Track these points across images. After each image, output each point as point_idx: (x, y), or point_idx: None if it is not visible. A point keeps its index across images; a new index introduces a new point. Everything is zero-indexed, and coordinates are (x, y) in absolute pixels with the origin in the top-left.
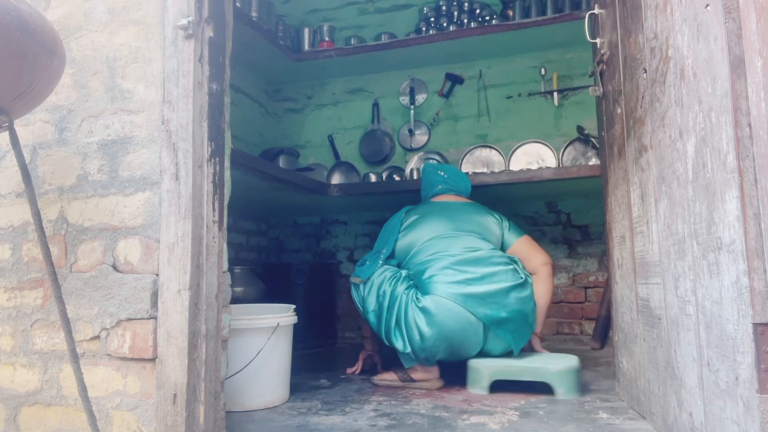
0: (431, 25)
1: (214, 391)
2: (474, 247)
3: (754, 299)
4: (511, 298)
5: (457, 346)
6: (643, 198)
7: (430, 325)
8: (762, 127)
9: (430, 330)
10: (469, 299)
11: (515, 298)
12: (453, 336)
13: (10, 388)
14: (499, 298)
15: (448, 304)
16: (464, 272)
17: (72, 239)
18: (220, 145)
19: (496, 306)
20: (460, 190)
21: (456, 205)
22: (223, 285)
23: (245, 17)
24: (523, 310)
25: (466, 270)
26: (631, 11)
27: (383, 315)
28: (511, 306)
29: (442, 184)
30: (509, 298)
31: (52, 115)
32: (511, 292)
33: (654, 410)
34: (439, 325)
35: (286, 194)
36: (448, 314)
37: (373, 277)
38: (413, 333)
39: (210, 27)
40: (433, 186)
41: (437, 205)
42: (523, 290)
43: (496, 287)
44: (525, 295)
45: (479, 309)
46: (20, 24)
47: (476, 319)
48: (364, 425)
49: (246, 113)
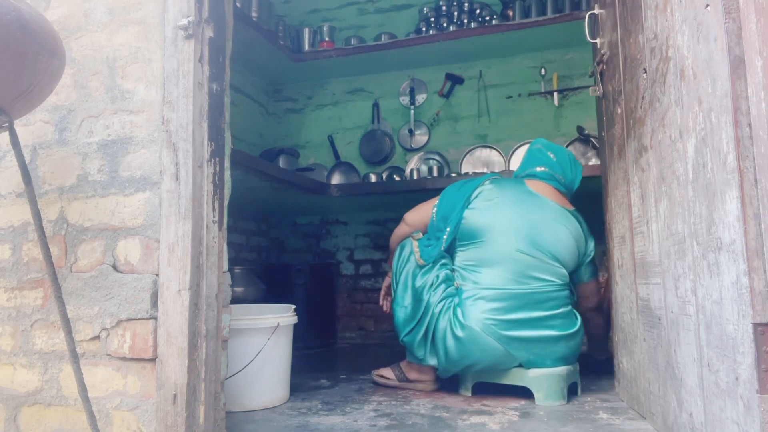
0: (431, 25)
1: (214, 391)
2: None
3: (754, 299)
4: (560, 346)
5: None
6: (643, 198)
7: (460, 354)
8: (762, 127)
9: (458, 357)
10: (513, 342)
11: (565, 347)
12: (483, 366)
13: (10, 388)
14: (547, 345)
15: (485, 341)
16: (514, 310)
17: (72, 239)
18: (220, 145)
19: (542, 354)
20: (566, 184)
21: (551, 207)
22: (223, 285)
23: (245, 17)
24: (569, 359)
25: (521, 309)
26: (631, 11)
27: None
28: (558, 354)
29: (547, 167)
30: (558, 346)
31: (52, 115)
32: (560, 340)
33: (654, 410)
34: (472, 358)
35: (286, 194)
36: (485, 353)
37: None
38: (440, 352)
39: (210, 27)
40: (533, 164)
41: (528, 196)
42: (574, 339)
43: (546, 334)
44: (575, 343)
45: (522, 353)
46: (20, 24)
47: (514, 358)
48: (364, 425)
49: (246, 113)
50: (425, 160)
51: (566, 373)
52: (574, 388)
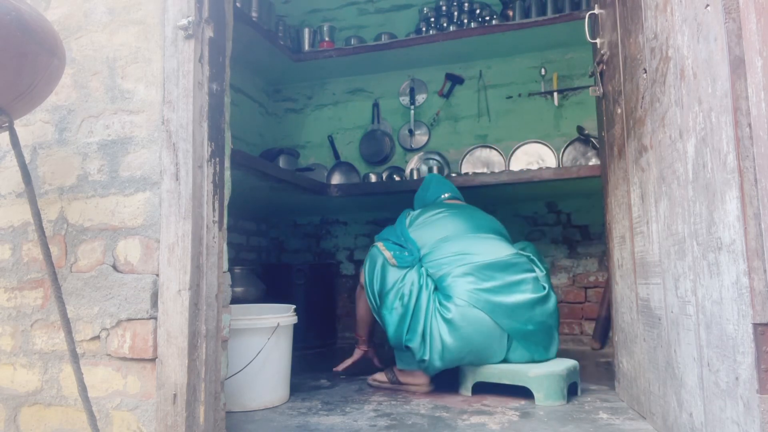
0: (431, 25)
1: (214, 391)
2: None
3: (754, 299)
4: (537, 311)
5: (479, 357)
6: (643, 198)
7: (455, 338)
8: (762, 127)
9: (454, 342)
10: (496, 309)
11: (540, 312)
12: (477, 347)
13: (10, 388)
14: (526, 310)
15: (474, 314)
16: (489, 278)
17: (72, 239)
18: (220, 145)
19: (522, 319)
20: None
21: (469, 207)
22: (223, 285)
23: (245, 17)
24: (548, 322)
25: (491, 276)
26: (631, 11)
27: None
28: (537, 318)
29: (451, 191)
30: (534, 311)
31: (52, 115)
32: (536, 305)
33: (654, 410)
34: (464, 338)
35: (286, 194)
36: (475, 327)
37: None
38: (435, 344)
39: (210, 27)
40: (442, 190)
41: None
42: (546, 303)
43: (522, 298)
44: (549, 309)
45: (505, 320)
46: (20, 24)
47: (502, 331)
48: (364, 425)
49: (246, 113)
50: (425, 160)
51: (566, 373)
52: (574, 388)
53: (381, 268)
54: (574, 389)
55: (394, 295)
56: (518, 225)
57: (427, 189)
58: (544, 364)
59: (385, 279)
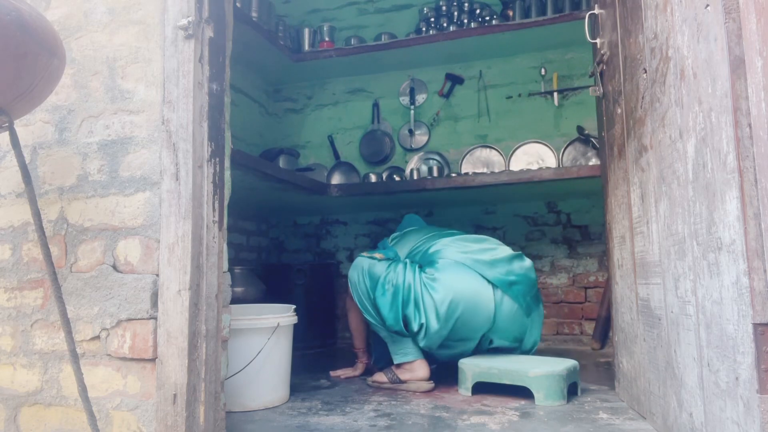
0: (431, 26)
1: (214, 392)
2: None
3: (754, 299)
4: (515, 266)
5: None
6: (643, 198)
7: (443, 288)
8: (762, 127)
9: (443, 293)
10: (477, 263)
11: (518, 266)
12: (466, 298)
13: (10, 388)
14: (504, 264)
15: (457, 266)
16: (468, 246)
17: (72, 239)
18: (220, 145)
19: (504, 271)
20: None
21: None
22: (223, 285)
23: (245, 17)
24: (529, 275)
25: (470, 245)
26: (631, 11)
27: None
28: (517, 272)
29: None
30: (513, 264)
31: (52, 115)
32: (513, 260)
33: (654, 410)
34: (452, 287)
35: (286, 194)
36: (460, 278)
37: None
38: (428, 304)
39: (210, 27)
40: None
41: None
42: (523, 260)
43: (500, 255)
44: (527, 265)
45: (488, 272)
46: (20, 24)
47: (486, 281)
48: (364, 425)
49: (246, 113)
50: (425, 160)
51: (566, 373)
52: (574, 388)
53: (368, 268)
54: (574, 389)
55: (384, 281)
56: (518, 225)
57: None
58: (544, 364)
59: (373, 274)
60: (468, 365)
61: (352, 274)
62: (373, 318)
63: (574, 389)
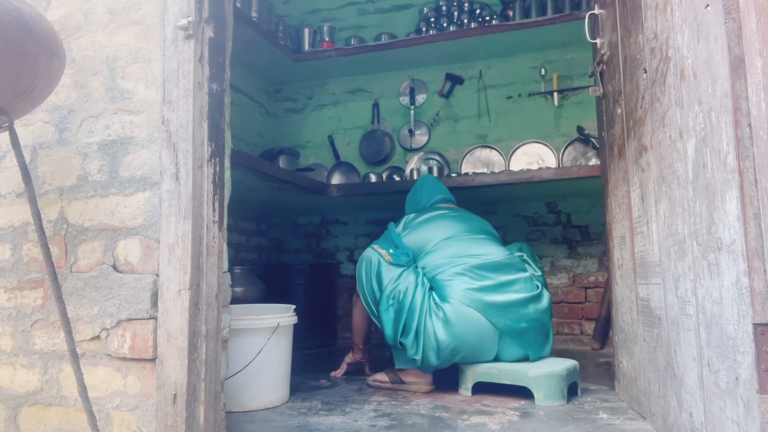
0: (431, 25)
1: (214, 392)
2: (489, 252)
3: (754, 299)
4: (530, 309)
5: (472, 354)
6: (643, 198)
7: (448, 334)
8: (762, 127)
9: (447, 339)
10: (489, 308)
11: (533, 310)
12: (470, 345)
13: (10, 388)
14: (519, 308)
15: (467, 312)
16: (483, 278)
17: (72, 239)
18: (220, 145)
19: (516, 317)
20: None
21: (462, 210)
22: (223, 285)
23: (245, 17)
24: (541, 320)
25: (485, 276)
26: (631, 11)
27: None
28: (530, 316)
29: (443, 194)
30: (528, 308)
31: (52, 115)
32: (529, 303)
33: (654, 410)
34: (458, 336)
35: (286, 194)
36: (468, 325)
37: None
38: (430, 341)
39: (210, 27)
40: (434, 193)
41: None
42: (539, 302)
43: (515, 297)
44: (542, 306)
45: (499, 319)
46: (20, 24)
47: (495, 329)
48: (364, 425)
49: (246, 113)
50: (425, 160)
51: (566, 373)
52: (574, 388)
53: (377, 266)
54: (574, 389)
55: (390, 294)
56: (518, 225)
57: (420, 191)
58: (544, 364)
59: (381, 279)
60: (467, 365)
61: (360, 269)
62: (377, 321)
63: (574, 389)
